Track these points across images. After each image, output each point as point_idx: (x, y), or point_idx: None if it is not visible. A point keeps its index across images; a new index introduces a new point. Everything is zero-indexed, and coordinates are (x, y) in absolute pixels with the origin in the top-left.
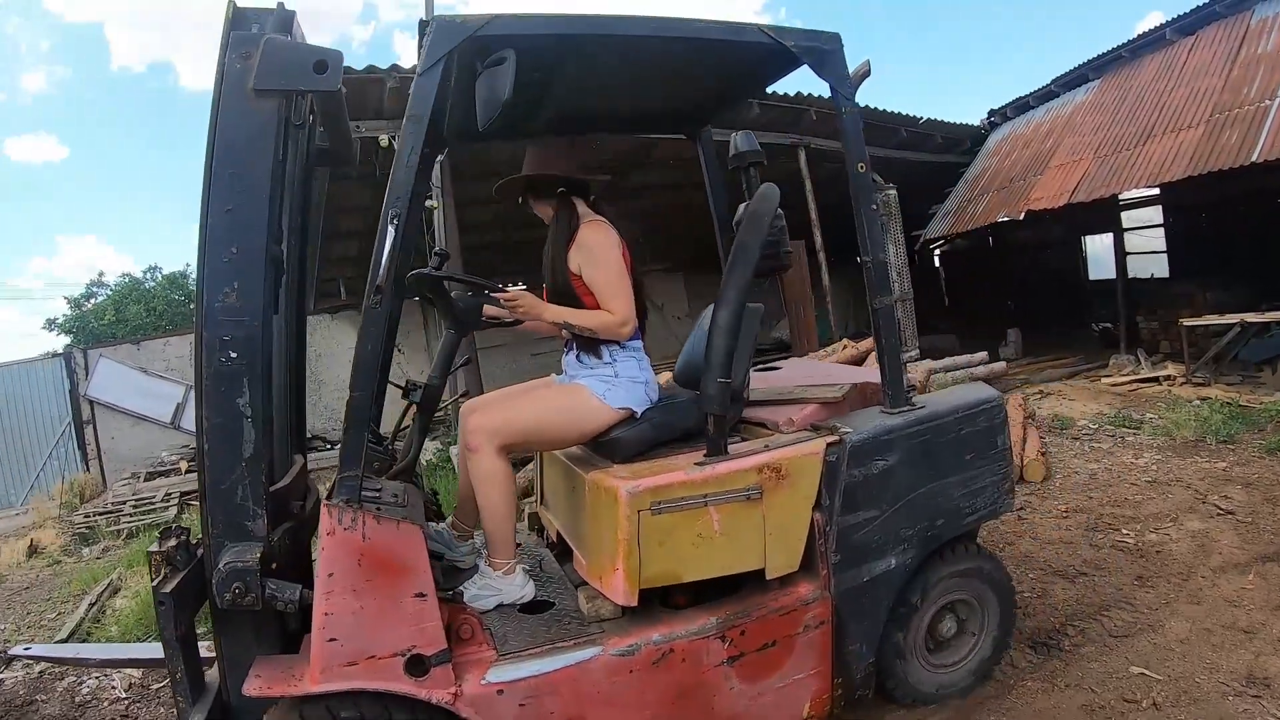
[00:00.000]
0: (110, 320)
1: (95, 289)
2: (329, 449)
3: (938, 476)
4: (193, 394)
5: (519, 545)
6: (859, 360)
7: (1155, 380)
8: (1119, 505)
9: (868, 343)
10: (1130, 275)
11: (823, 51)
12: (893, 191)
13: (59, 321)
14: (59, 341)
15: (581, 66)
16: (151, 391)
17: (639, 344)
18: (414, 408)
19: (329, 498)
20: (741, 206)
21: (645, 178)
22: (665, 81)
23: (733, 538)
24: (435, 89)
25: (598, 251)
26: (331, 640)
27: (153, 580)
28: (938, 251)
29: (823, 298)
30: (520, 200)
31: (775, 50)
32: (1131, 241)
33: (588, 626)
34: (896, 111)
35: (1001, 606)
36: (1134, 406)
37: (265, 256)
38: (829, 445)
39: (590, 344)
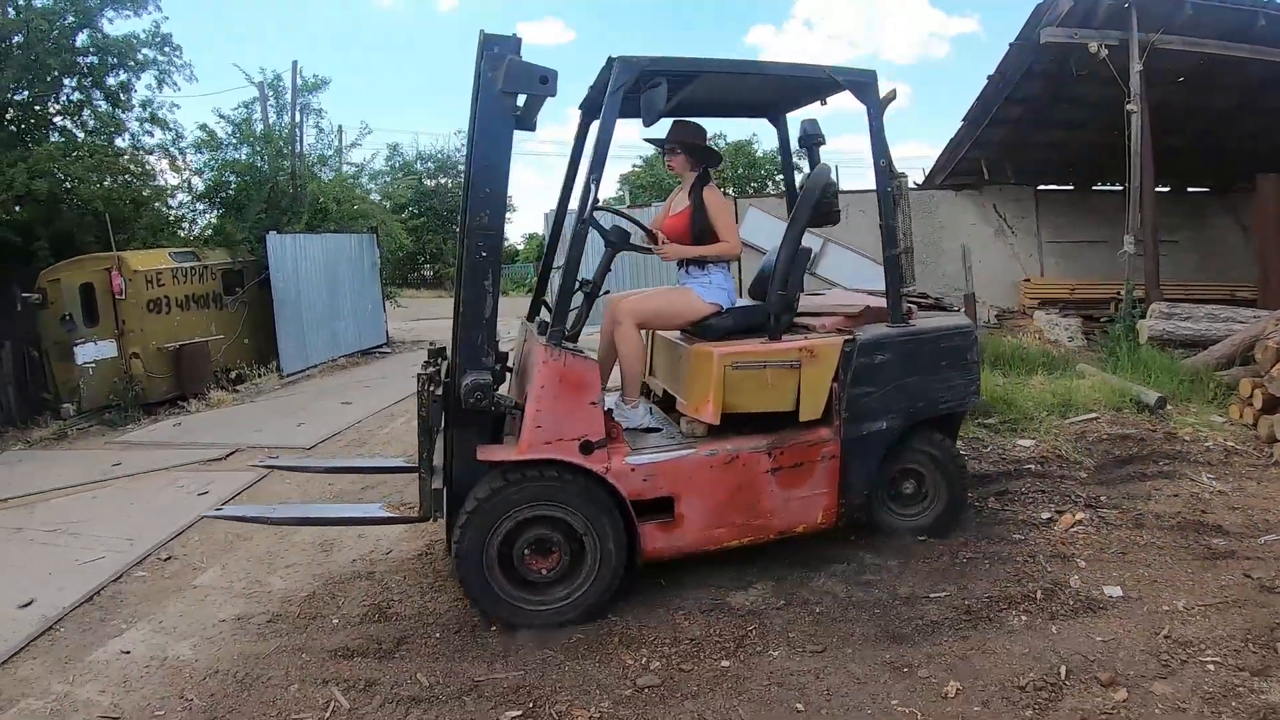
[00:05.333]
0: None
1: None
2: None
3: (918, 372)
4: (830, 245)
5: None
6: None
7: None
8: None
9: None
10: None
11: (862, 84)
12: (906, 177)
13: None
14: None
15: (708, 81)
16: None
17: (728, 265)
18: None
19: (545, 340)
20: (800, 175)
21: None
22: (761, 90)
23: (779, 389)
24: (619, 104)
25: (720, 206)
26: (538, 427)
27: (427, 388)
28: None
29: None
30: (665, 152)
31: (826, 80)
32: None
33: (687, 439)
34: None
35: (950, 485)
36: None
37: (504, 194)
38: (845, 341)
39: (696, 262)
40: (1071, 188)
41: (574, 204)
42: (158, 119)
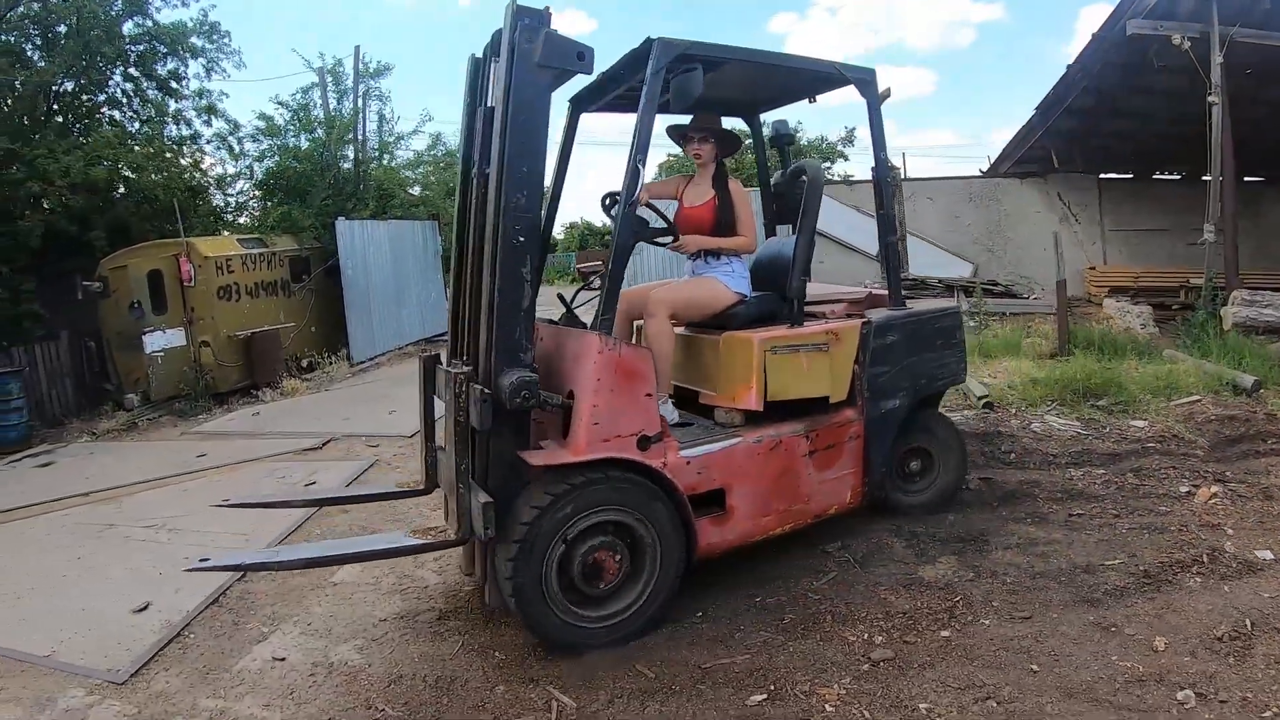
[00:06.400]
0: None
1: None
2: (1022, 298)
3: (921, 351)
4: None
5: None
6: None
7: None
8: None
9: None
10: None
11: (864, 80)
12: (900, 169)
13: None
14: None
15: (725, 72)
16: (860, 227)
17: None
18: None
19: (596, 329)
20: (777, 172)
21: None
22: (768, 83)
23: (811, 373)
24: (661, 84)
25: (744, 199)
26: (595, 424)
27: (467, 386)
28: None
29: None
30: (683, 139)
31: (836, 75)
32: None
33: (729, 428)
34: None
35: (955, 459)
36: None
37: (543, 173)
38: (863, 323)
39: (713, 252)
40: (1131, 176)
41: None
42: (215, 109)
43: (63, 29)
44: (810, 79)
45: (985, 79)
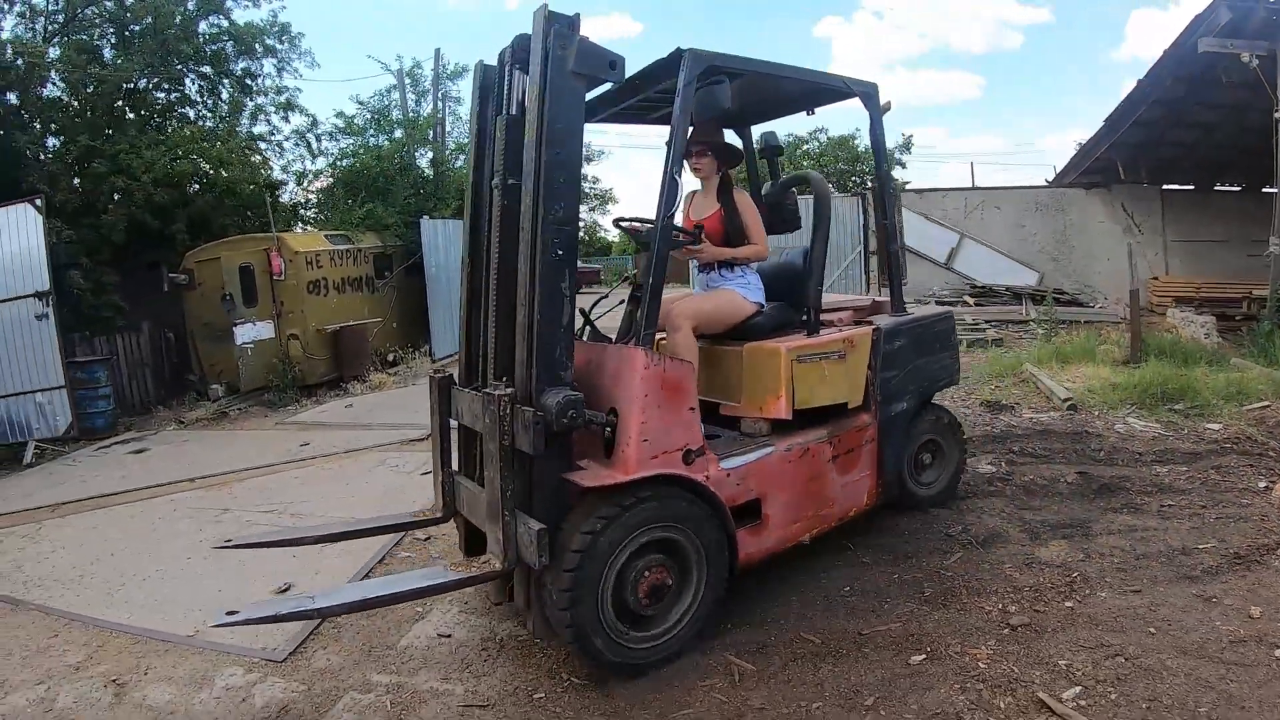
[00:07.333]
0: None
1: None
2: (1088, 307)
3: (923, 355)
4: (966, 241)
5: None
6: None
7: None
8: None
9: None
10: None
11: (868, 94)
12: (898, 181)
13: None
14: None
15: (743, 84)
16: (929, 235)
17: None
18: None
19: (638, 345)
20: (766, 184)
21: None
22: (778, 96)
23: (832, 379)
24: (694, 94)
25: (750, 208)
26: (645, 441)
27: (513, 408)
28: None
29: None
30: (692, 153)
31: (841, 88)
32: None
33: (757, 438)
34: None
35: (957, 449)
36: None
37: (579, 183)
38: (874, 330)
39: (727, 264)
40: (1192, 187)
41: None
42: (293, 104)
43: (137, 28)
44: (816, 91)
45: (1033, 82)
